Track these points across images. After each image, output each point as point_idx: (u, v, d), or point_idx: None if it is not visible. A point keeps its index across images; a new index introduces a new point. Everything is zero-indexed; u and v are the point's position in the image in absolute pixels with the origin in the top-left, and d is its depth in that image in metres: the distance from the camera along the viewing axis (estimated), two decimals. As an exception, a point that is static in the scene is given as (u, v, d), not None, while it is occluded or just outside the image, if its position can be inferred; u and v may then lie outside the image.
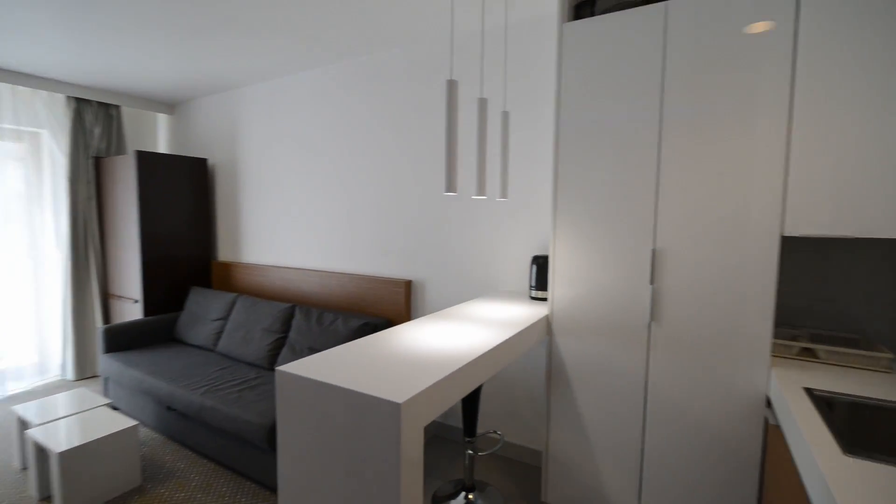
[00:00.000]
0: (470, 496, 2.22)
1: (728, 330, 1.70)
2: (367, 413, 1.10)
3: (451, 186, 1.56)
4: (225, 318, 3.40)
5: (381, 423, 1.08)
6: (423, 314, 2.95)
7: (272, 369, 2.96)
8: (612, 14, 1.84)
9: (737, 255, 1.67)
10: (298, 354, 2.87)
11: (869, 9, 1.45)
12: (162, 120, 4.46)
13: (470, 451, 2.17)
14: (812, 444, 1.06)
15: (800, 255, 1.92)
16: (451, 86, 1.52)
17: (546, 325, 2.05)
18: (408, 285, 2.96)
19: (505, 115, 1.98)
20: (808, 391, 1.39)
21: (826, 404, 1.34)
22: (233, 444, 2.42)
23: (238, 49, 2.95)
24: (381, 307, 3.05)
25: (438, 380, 1.21)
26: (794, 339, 1.80)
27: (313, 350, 2.83)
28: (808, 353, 1.73)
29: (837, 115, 1.51)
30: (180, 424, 2.69)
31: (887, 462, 0.98)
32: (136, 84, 3.69)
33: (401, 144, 2.98)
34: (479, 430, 2.77)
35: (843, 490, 0.88)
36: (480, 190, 1.77)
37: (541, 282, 2.37)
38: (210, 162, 4.11)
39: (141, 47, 2.92)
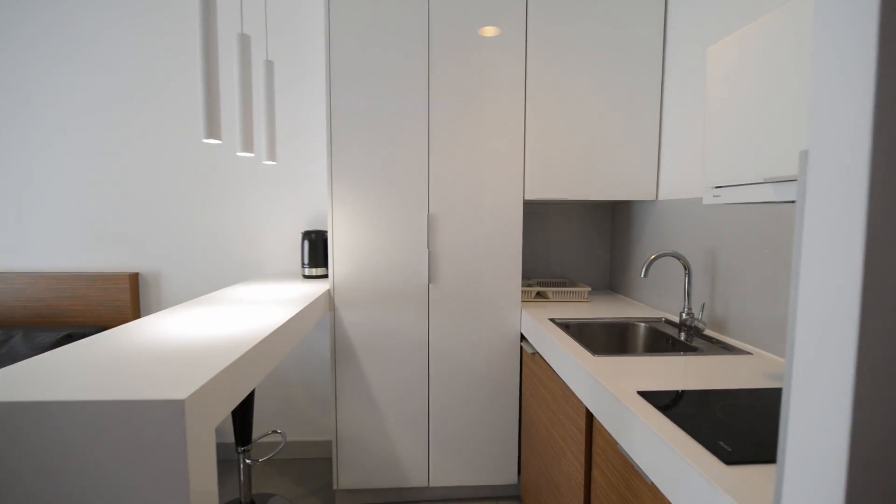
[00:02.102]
0: (249, 514, 1.89)
1: (490, 282, 1.95)
2: (127, 431, 0.75)
3: (212, 131, 1.25)
4: None
5: (153, 439, 0.76)
6: (160, 315, 2.33)
7: None
8: (379, -22, 1.82)
9: (493, 217, 1.93)
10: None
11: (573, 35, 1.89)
12: None
13: (247, 461, 1.84)
14: (573, 354, 1.31)
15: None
16: (207, 1, 1.20)
17: (328, 300, 1.91)
18: (134, 280, 2.28)
19: (269, 65, 1.72)
20: (552, 320, 1.74)
21: (566, 327, 1.70)
22: None
23: None
24: (92, 313, 2.26)
25: (226, 366, 0.94)
26: (529, 286, 2.22)
27: (-35, 391, 1.85)
28: (539, 296, 2.16)
29: (547, 110, 1.91)
30: None
31: (616, 354, 1.30)
32: None
33: (115, 86, 2.24)
34: (255, 434, 2.40)
35: (601, 376, 1.12)
36: (246, 145, 1.49)
37: (314, 258, 2.20)
38: None
39: None
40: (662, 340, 1.63)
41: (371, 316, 1.93)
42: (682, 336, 1.55)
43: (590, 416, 1.25)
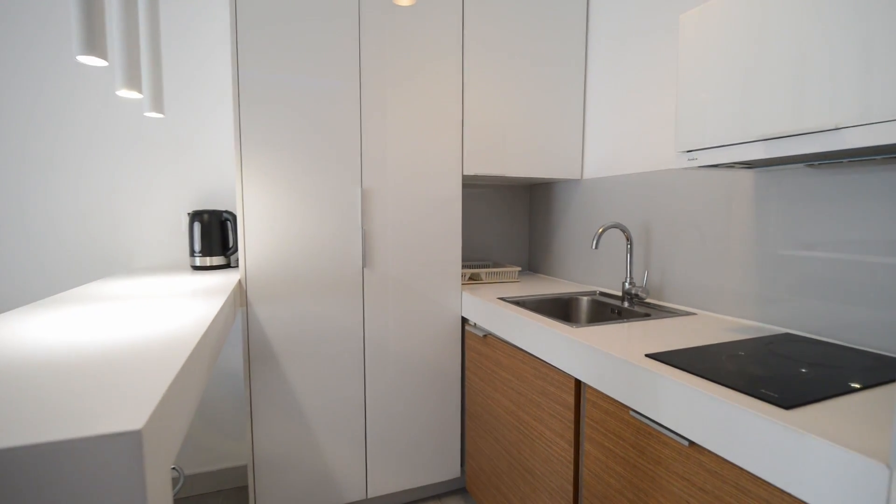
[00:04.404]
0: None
1: (430, 263, 1.80)
2: (60, 483, 0.43)
3: (93, 46, 0.87)
4: None
5: (97, 490, 0.45)
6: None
7: None
8: None
9: (432, 193, 1.78)
10: None
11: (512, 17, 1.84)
12: None
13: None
14: (551, 327, 1.25)
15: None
16: None
17: (239, 294, 1.55)
18: (-89, 285, 1.57)
19: (152, -14, 1.31)
20: (503, 299, 1.67)
21: (519, 304, 1.64)
22: None
23: None
24: None
25: (172, 380, 0.64)
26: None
27: None
28: (472, 279, 2.08)
29: (483, 86, 1.84)
30: None
31: (587, 325, 1.28)
32: None
33: None
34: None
35: (599, 345, 1.07)
36: (131, 80, 1.10)
37: (208, 245, 1.78)
38: None
39: None
40: (607, 310, 1.68)
41: (294, 309, 1.62)
42: (627, 304, 1.62)
43: (578, 389, 1.20)
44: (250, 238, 1.56)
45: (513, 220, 2.38)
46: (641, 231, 1.70)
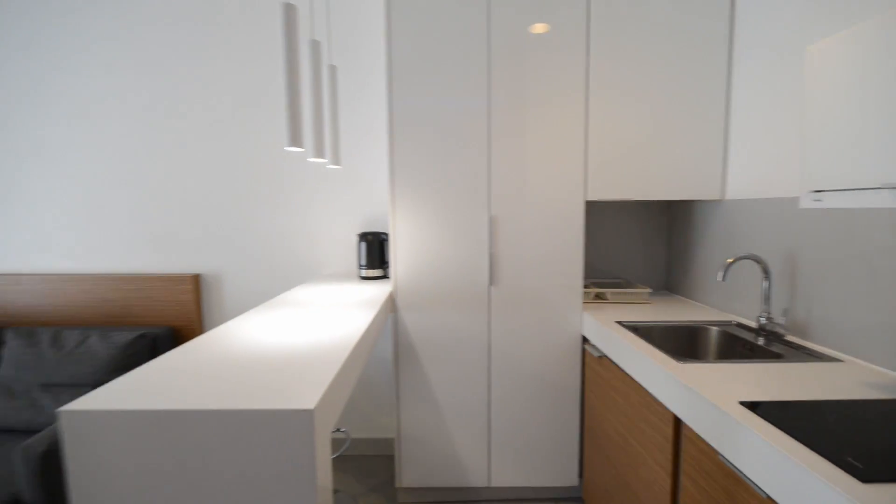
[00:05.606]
0: (315, 510, 1.93)
1: (551, 284, 1.94)
2: (260, 437, 0.78)
3: (295, 139, 1.27)
4: None
5: (284, 444, 0.79)
6: (221, 315, 2.40)
7: (-35, 432, 1.91)
8: (441, -19, 1.82)
9: (554, 219, 1.92)
10: (21, 399, 1.93)
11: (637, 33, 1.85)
12: None
13: (315, 459, 1.88)
14: (657, 362, 1.30)
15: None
16: (289, 10, 1.22)
17: (390, 302, 1.94)
18: (196, 281, 2.36)
19: (332, 70, 1.74)
20: (620, 323, 1.72)
21: (635, 330, 1.68)
22: None
23: None
24: (158, 313, 2.34)
25: (336, 374, 0.96)
26: (586, 287, 2.20)
27: (50, 387, 1.94)
28: (598, 298, 2.14)
29: (609, 108, 1.88)
30: None
31: (700, 361, 1.28)
32: None
33: (174, 93, 2.31)
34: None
35: (694, 384, 1.10)
36: (318, 151, 1.51)
37: (371, 260, 2.23)
38: None
39: None
40: (738, 345, 1.60)
41: (432, 318, 1.95)
42: (761, 341, 1.52)
43: (677, 424, 1.23)
44: (399, 257, 1.93)
45: (651, 238, 2.34)
46: (786, 260, 1.56)
